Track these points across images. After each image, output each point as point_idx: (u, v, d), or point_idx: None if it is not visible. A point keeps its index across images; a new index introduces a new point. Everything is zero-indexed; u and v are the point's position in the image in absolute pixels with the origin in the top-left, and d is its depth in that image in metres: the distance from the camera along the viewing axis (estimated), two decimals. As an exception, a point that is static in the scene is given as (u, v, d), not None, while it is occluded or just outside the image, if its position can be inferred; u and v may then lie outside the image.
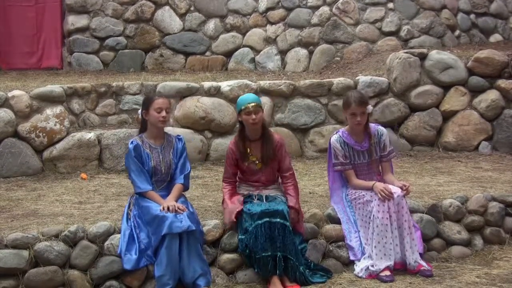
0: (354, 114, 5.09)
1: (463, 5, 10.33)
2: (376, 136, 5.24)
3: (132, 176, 4.85)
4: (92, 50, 10.51)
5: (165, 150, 4.94)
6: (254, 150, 5.04)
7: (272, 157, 5.03)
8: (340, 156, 5.20)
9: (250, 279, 4.84)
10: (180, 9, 10.74)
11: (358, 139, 5.22)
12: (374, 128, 5.28)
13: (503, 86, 8.15)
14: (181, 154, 4.98)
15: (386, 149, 5.26)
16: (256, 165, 5.04)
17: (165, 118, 4.85)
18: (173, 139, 5.01)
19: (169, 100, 4.97)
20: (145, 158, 4.85)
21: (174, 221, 4.55)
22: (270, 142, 5.03)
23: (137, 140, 4.91)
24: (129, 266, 4.58)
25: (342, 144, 5.21)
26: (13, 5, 10.44)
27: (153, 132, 4.94)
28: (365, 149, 5.21)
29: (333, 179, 5.38)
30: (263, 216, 4.77)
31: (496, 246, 5.56)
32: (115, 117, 7.89)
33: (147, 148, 4.89)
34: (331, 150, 5.28)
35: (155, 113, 4.83)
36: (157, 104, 4.83)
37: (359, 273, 4.94)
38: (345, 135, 5.23)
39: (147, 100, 4.93)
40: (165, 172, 4.91)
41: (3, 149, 6.87)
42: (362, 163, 5.24)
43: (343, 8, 9.85)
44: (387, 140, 5.28)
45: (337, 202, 5.31)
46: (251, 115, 4.91)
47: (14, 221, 5.07)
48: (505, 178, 6.60)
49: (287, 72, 9.82)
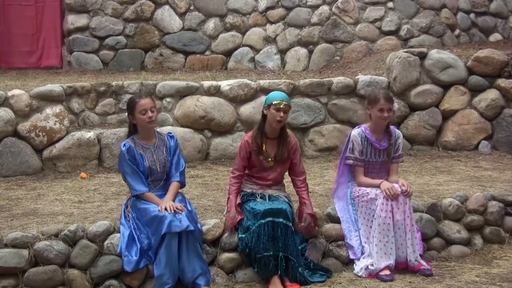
0: (382, 109, 5.09)
1: (462, 4, 10.34)
2: (394, 137, 5.26)
3: (127, 179, 4.82)
4: (92, 49, 10.51)
5: (158, 149, 4.92)
6: (269, 148, 5.02)
7: (285, 158, 5.02)
8: (357, 151, 5.19)
9: (250, 278, 4.84)
10: (179, 9, 10.74)
11: (378, 137, 5.22)
12: (392, 129, 5.30)
13: (503, 86, 8.16)
14: (175, 151, 4.95)
15: (399, 151, 5.28)
16: (268, 163, 5.03)
17: (152, 118, 4.81)
18: (164, 137, 4.99)
19: (151, 98, 4.92)
20: (139, 159, 4.83)
21: (173, 220, 4.55)
22: (287, 143, 5.02)
23: (129, 142, 4.88)
24: (129, 268, 4.57)
25: (362, 139, 5.20)
26: (12, 4, 10.45)
27: (143, 133, 4.92)
28: (383, 148, 5.22)
29: (342, 173, 5.35)
30: (266, 216, 4.77)
31: (495, 245, 5.56)
32: (115, 116, 7.90)
33: (140, 149, 4.86)
34: (348, 143, 5.26)
35: (141, 115, 4.79)
36: (141, 106, 4.79)
37: (359, 272, 4.94)
38: (367, 131, 5.22)
39: (130, 104, 4.88)
40: (161, 171, 4.89)
41: (3, 149, 6.87)
42: (376, 162, 5.23)
43: (343, 7, 9.86)
44: (401, 144, 5.31)
45: (340, 197, 5.30)
46: (280, 112, 4.90)
47: (14, 220, 5.07)
48: (504, 177, 6.60)
49: (286, 71, 9.82)
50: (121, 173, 4.92)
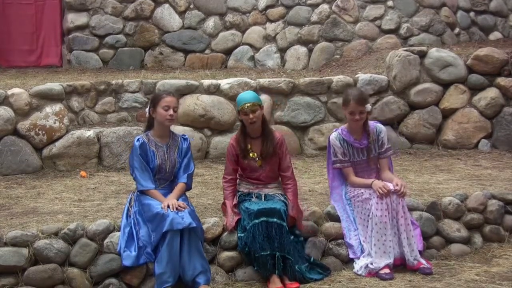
0: (353, 112, 5.09)
1: (462, 3, 10.33)
2: (375, 133, 5.24)
3: (135, 173, 4.83)
4: (92, 48, 10.50)
5: (170, 149, 4.93)
6: (255, 147, 5.03)
7: (272, 154, 5.00)
8: (339, 154, 5.21)
9: (250, 276, 4.84)
10: (179, 7, 10.73)
11: (357, 137, 5.22)
12: (372, 125, 5.27)
13: (503, 84, 8.16)
14: (186, 153, 4.97)
15: (384, 146, 5.26)
16: (256, 162, 5.03)
17: (172, 117, 4.84)
18: (178, 138, 5.00)
19: (177, 99, 4.95)
20: (151, 156, 4.84)
21: (176, 217, 4.55)
22: (271, 139, 5.01)
23: (143, 137, 4.90)
24: (128, 263, 4.58)
25: (341, 142, 5.21)
26: (12, 2, 10.44)
27: (159, 130, 4.93)
28: (364, 146, 5.21)
29: (333, 177, 5.38)
30: (259, 216, 4.76)
31: (495, 244, 5.57)
32: (115, 115, 7.89)
33: (152, 146, 4.88)
34: (330, 147, 5.28)
35: (163, 111, 4.81)
36: (165, 102, 4.81)
37: (359, 271, 4.94)
38: (344, 132, 5.23)
39: (155, 98, 4.91)
40: (169, 171, 4.91)
41: (3, 147, 6.87)
42: (361, 161, 5.25)
43: (343, 6, 9.85)
44: (385, 138, 5.28)
45: (336, 200, 5.32)
46: (248, 115, 4.90)
47: (14, 219, 5.07)
48: (504, 175, 6.60)
49: (286, 70, 9.81)
50: (130, 166, 4.92)
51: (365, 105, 5.11)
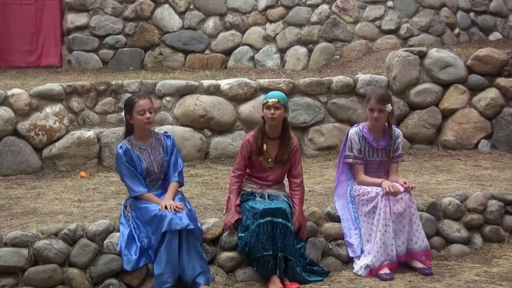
0: (372, 109, 5.10)
1: (462, 3, 10.34)
2: (393, 137, 5.24)
3: (125, 181, 4.80)
4: (92, 48, 10.51)
5: (155, 149, 4.89)
6: (270, 148, 4.99)
7: (285, 160, 4.99)
8: (355, 149, 5.20)
9: (250, 277, 4.84)
10: (179, 7, 10.74)
11: (376, 137, 5.21)
12: (392, 129, 5.28)
13: (503, 84, 8.16)
14: (172, 151, 4.93)
15: (398, 151, 5.27)
16: (268, 163, 5.01)
17: (150, 119, 4.78)
18: (161, 137, 4.96)
19: (150, 99, 4.87)
20: (136, 161, 4.79)
21: (174, 218, 4.54)
22: (288, 144, 4.99)
23: (126, 143, 4.84)
24: (128, 267, 4.57)
25: (360, 138, 5.20)
26: (12, 3, 10.44)
27: (140, 134, 4.88)
28: (381, 147, 5.21)
29: (341, 171, 5.35)
30: (265, 215, 4.75)
31: (495, 244, 5.57)
32: (115, 115, 7.89)
33: (137, 150, 4.83)
34: (347, 141, 5.26)
35: (139, 116, 4.76)
36: (139, 107, 4.75)
37: (359, 271, 4.94)
38: (365, 130, 5.22)
39: (128, 104, 4.83)
40: (158, 172, 4.87)
41: (3, 147, 6.86)
42: (374, 161, 5.23)
43: (343, 6, 9.85)
44: (401, 143, 5.30)
45: (340, 195, 5.30)
46: (270, 109, 4.88)
47: (14, 219, 5.07)
48: (504, 176, 6.60)
49: (286, 70, 9.81)
50: (119, 175, 4.90)
51: (385, 104, 5.10)
